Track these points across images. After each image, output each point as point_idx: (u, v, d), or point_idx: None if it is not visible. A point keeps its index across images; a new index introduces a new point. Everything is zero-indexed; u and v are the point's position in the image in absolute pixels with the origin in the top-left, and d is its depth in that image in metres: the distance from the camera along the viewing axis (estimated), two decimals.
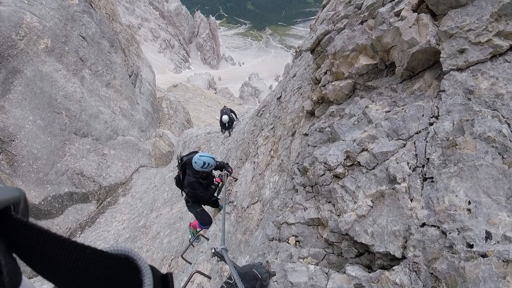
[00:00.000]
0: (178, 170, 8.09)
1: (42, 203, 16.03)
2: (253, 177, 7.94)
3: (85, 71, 20.93)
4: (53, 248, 0.62)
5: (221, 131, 18.22)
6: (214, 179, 8.45)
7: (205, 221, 8.27)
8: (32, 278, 12.99)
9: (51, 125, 17.74)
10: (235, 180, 9.32)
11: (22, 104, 16.38)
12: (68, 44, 19.90)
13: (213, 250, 3.95)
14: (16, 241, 0.61)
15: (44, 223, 15.36)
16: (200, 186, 7.68)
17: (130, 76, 26.70)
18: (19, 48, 16.81)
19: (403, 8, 3.50)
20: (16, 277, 0.61)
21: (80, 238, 16.63)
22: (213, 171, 8.43)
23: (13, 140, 15.91)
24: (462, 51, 2.79)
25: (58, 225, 16.33)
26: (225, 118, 16.89)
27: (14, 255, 0.62)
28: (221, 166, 8.42)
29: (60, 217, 16.77)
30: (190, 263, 8.04)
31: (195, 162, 7.24)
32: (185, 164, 7.74)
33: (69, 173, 18.08)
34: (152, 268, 0.73)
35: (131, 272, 0.70)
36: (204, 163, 7.19)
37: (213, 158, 7.39)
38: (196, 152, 7.94)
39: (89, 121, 20.29)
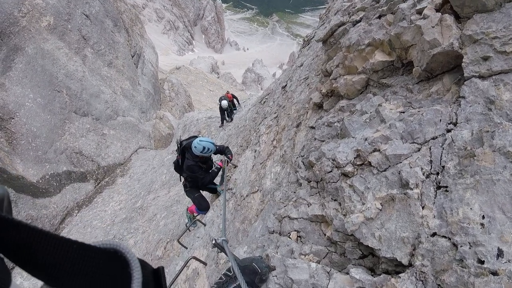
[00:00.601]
0: (177, 155, 8.04)
1: (40, 181, 16.00)
2: (253, 166, 7.89)
3: (87, 50, 20.82)
4: (40, 245, 0.60)
5: (221, 120, 17.99)
6: (214, 163, 8.43)
7: (202, 206, 8.26)
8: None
9: (51, 103, 17.68)
10: (235, 167, 9.28)
11: (23, 82, 16.29)
12: (71, 22, 19.75)
13: (213, 241, 3.91)
14: (1, 240, 0.58)
15: (41, 201, 15.38)
16: (199, 169, 7.66)
17: (132, 57, 26.60)
18: (21, 25, 16.67)
19: (426, 6, 3.41)
20: (6, 277, 0.60)
21: (77, 217, 16.73)
22: (213, 155, 8.40)
23: (13, 118, 15.85)
24: (486, 59, 2.70)
25: (55, 203, 16.32)
26: (225, 103, 16.66)
27: (1, 255, 0.60)
28: (221, 150, 8.37)
29: (58, 195, 16.76)
30: (186, 248, 8.04)
31: (195, 147, 7.21)
32: (184, 149, 7.71)
33: (68, 152, 18.06)
34: (142, 262, 0.72)
35: (120, 266, 0.69)
36: (204, 148, 7.16)
37: (213, 143, 7.38)
38: (196, 136, 7.89)
39: (90, 100, 20.24)
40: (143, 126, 25.09)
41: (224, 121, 17.82)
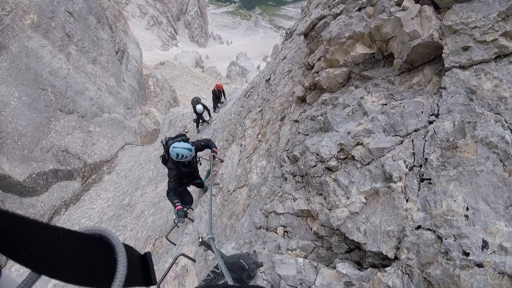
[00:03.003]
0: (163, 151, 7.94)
1: (27, 180, 15.75)
2: (239, 160, 7.87)
3: (71, 47, 20.50)
4: (26, 233, 0.60)
5: (196, 125, 17.39)
6: (199, 161, 8.35)
7: (185, 201, 8.15)
8: None
9: (37, 101, 17.36)
10: (221, 162, 9.24)
11: (7, 81, 15.95)
12: (55, 20, 19.40)
13: (200, 240, 3.88)
14: None
15: (28, 200, 15.21)
16: (173, 177, 7.47)
17: (116, 53, 26.34)
18: (5, 23, 16.29)
19: None
20: None
21: (65, 216, 16.54)
22: (199, 153, 8.32)
23: None
24: (466, 49, 2.70)
25: (42, 202, 16.12)
26: (200, 108, 15.77)
27: None
28: (206, 145, 8.25)
29: (45, 194, 16.54)
30: (175, 244, 8.01)
31: (171, 154, 7.09)
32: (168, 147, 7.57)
33: (54, 150, 17.79)
34: (128, 248, 0.73)
35: (106, 251, 0.70)
36: (178, 154, 6.95)
37: (189, 149, 7.12)
38: (184, 135, 7.79)
39: (75, 98, 19.94)
40: (129, 122, 24.85)
41: (201, 123, 17.27)
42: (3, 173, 14.62)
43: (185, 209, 7.94)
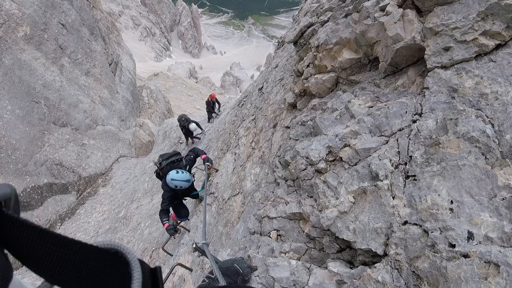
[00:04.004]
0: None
1: (21, 194, 15.63)
2: (234, 168, 7.90)
3: (64, 59, 20.46)
4: (44, 244, 0.62)
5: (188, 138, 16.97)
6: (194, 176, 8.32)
7: (180, 214, 8.12)
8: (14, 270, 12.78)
9: (30, 114, 17.28)
10: (216, 171, 9.27)
11: (0, 94, 15.85)
12: (48, 32, 19.40)
13: (194, 245, 3.91)
14: (7, 237, 0.60)
15: (23, 215, 14.70)
16: (167, 198, 7.39)
17: (110, 65, 26.30)
18: None
19: (389, 3, 3.48)
20: (7, 273, 0.60)
21: (60, 230, 16.32)
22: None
23: None
24: (447, 49, 2.78)
25: (37, 216, 15.98)
26: (193, 126, 15.41)
27: (6, 251, 0.61)
28: (196, 156, 8.14)
29: (40, 208, 16.40)
30: (171, 255, 8.00)
31: (168, 183, 7.04)
32: (165, 171, 7.47)
33: (48, 164, 17.69)
34: (141, 262, 0.73)
35: (120, 266, 0.70)
36: (176, 186, 6.93)
37: (188, 180, 7.14)
38: (178, 154, 7.78)
39: (68, 110, 19.86)
40: (123, 134, 24.76)
41: (189, 139, 16.92)
42: None
43: (180, 221, 7.92)
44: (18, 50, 17.26)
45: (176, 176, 6.97)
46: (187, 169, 7.50)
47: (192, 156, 7.96)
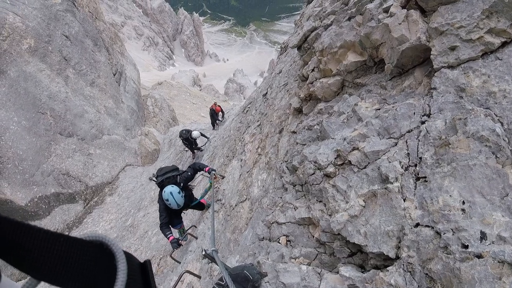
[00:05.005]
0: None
1: (29, 204, 15.78)
2: (240, 175, 7.89)
3: (69, 71, 20.66)
4: (27, 239, 0.61)
5: (193, 149, 17.09)
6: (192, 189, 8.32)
7: (173, 223, 8.00)
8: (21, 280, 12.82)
9: (36, 125, 17.46)
10: (222, 178, 9.26)
11: (7, 105, 16.06)
12: (52, 44, 19.61)
13: (203, 252, 3.89)
14: None
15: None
16: (163, 211, 7.39)
17: (114, 75, 26.50)
18: (2, 48, 16.51)
19: (392, 4, 3.48)
20: None
21: None
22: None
23: None
24: (453, 48, 2.76)
25: (45, 226, 15.81)
26: (196, 134, 15.85)
27: None
28: (195, 172, 8.15)
29: (47, 218, 16.56)
30: (179, 262, 7.97)
31: (163, 197, 7.09)
32: (163, 184, 7.48)
33: (55, 174, 17.83)
34: (128, 255, 0.74)
35: (106, 258, 0.70)
36: (168, 200, 6.95)
37: (177, 205, 7.10)
38: (176, 169, 7.84)
39: (74, 120, 20.04)
40: (129, 143, 24.92)
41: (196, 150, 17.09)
42: (5, 198, 14.64)
43: (178, 235, 7.88)
44: (23, 63, 17.47)
45: (171, 198, 6.98)
46: (181, 186, 7.49)
47: (189, 173, 7.91)
